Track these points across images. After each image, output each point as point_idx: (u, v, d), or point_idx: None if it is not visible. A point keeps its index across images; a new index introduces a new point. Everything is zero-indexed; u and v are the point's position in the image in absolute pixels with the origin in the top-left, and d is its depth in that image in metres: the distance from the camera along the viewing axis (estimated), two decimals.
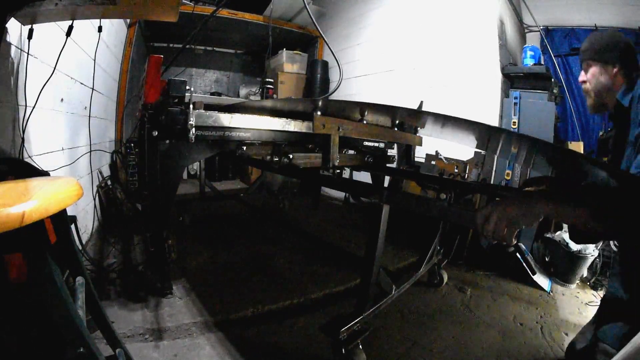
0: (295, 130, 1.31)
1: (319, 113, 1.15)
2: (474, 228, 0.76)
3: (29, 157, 1.36)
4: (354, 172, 3.15)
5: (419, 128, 1.72)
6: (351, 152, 1.87)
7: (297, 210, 3.49)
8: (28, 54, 1.30)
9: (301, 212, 3.43)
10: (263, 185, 3.68)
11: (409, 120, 1.61)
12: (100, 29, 1.95)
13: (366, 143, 1.96)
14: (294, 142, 1.48)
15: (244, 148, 1.35)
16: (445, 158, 2.56)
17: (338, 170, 1.25)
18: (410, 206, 1.00)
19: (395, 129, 1.65)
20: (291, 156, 1.34)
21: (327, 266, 2.08)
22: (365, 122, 1.33)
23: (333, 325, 1.17)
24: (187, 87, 1.26)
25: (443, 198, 0.92)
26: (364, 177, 1.86)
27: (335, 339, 1.14)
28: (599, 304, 1.50)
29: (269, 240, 2.53)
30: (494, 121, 2.52)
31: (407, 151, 1.90)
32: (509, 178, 2.36)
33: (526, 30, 3.12)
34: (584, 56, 1.20)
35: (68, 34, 1.46)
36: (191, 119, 1.17)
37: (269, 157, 1.40)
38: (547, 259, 2.24)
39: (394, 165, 1.98)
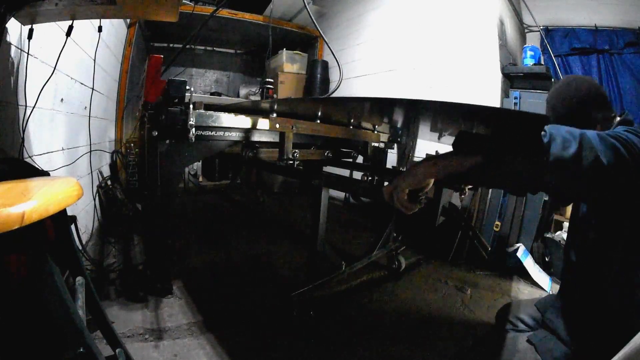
0: (264, 128, 1.44)
1: (274, 115, 1.28)
2: (386, 202, 0.84)
3: (29, 157, 1.36)
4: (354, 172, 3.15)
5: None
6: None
7: (296, 210, 3.49)
8: (28, 54, 1.30)
9: (300, 212, 3.43)
10: (243, 181, 4.24)
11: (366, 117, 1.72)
12: (100, 29, 1.95)
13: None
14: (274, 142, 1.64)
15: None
16: None
17: (291, 162, 1.40)
18: (343, 187, 1.24)
19: (351, 127, 1.69)
20: (255, 151, 1.52)
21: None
22: (318, 121, 1.47)
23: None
24: (187, 87, 1.25)
25: (364, 180, 1.13)
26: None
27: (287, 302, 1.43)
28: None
29: (268, 240, 2.53)
30: None
31: (364, 148, 2.03)
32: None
33: (526, 30, 3.11)
34: None
35: (68, 34, 1.46)
36: (191, 119, 1.17)
37: (249, 154, 1.55)
38: (547, 259, 2.24)
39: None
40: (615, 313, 0.91)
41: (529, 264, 2.12)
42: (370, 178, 1.15)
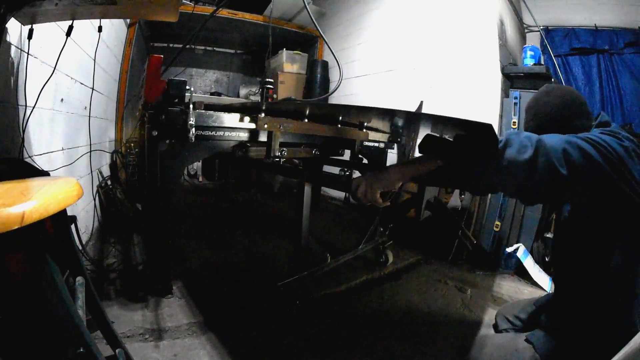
0: (250, 127, 1.47)
1: (262, 115, 1.32)
2: (351, 193, 0.94)
3: (29, 157, 1.36)
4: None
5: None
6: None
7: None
8: (28, 54, 1.30)
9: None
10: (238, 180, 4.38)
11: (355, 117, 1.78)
12: (100, 29, 1.95)
13: (366, 143, 1.98)
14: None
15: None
16: None
17: (278, 159, 1.45)
18: (323, 183, 1.40)
19: (339, 125, 1.72)
20: (245, 149, 1.54)
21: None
22: (306, 120, 1.51)
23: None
24: (187, 87, 1.26)
25: (342, 175, 1.24)
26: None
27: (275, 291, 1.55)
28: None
29: (267, 239, 2.53)
30: (494, 121, 2.52)
31: (352, 146, 2.03)
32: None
33: (526, 30, 3.12)
34: None
35: (68, 34, 1.46)
36: (191, 119, 1.17)
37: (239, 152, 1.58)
38: (547, 259, 2.24)
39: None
40: (608, 311, 0.92)
41: (529, 264, 2.12)
42: (348, 173, 1.21)
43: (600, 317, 0.93)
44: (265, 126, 1.34)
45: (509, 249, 2.20)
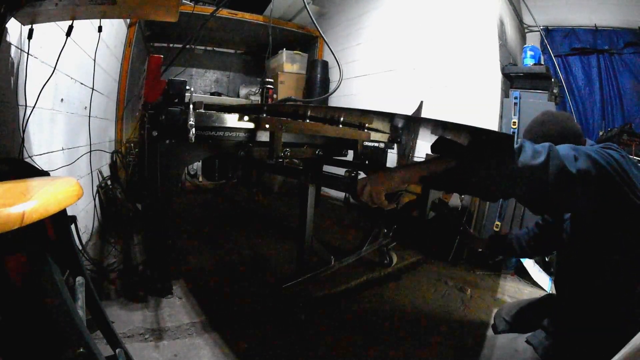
0: (250, 127, 1.46)
1: (263, 115, 1.33)
2: (356, 195, 0.93)
3: (29, 157, 1.36)
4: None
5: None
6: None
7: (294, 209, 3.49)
8: (28, 54, 1.30)
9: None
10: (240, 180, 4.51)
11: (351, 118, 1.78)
12: (100, 29, 1.94)
13: (366, 143, 1.98)
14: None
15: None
16: None
17: (281, 160, 1.45)
18: (328, 184, 1.34)
19: (340, 125, 1.71)
20: (248, 150, 1.54)
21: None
22: (308, 120, 1.51)
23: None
24: (187, 87, 1.26)
25: (347, 176, 1.24)
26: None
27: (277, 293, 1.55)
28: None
29: (268, 240, 2.53)
30: (494, 121, 2.52)
31: (354, 146, 2.03)
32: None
33: (526, 30, 3.12)
34: None
35: (68, 34, 1.46)
36: (191, 119, 1.17)
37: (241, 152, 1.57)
38: (547, 259, 2.24)
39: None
40: (609, 314, 0.92)
41: (529, 264, 2.12)
42: (353, 174, 1.20)
43: (601, 318, 0.93)
44: (267, 126, 1.34)
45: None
